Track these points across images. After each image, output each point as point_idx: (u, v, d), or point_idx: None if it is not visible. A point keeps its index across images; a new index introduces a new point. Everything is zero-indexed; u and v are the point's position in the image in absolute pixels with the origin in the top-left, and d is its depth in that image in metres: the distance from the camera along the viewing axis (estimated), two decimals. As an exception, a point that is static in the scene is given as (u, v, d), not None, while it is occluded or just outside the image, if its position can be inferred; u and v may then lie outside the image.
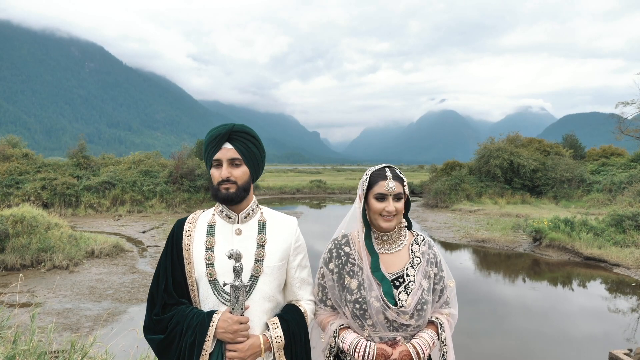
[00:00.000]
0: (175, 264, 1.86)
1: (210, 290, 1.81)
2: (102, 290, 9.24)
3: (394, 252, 1.99)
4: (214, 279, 1.81)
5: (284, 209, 27.09)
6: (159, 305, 1.82)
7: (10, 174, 23.17)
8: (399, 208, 1.94)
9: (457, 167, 31.43)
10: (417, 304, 1.86)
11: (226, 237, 1.87)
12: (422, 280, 1.92)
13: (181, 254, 1.86)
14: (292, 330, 1.84)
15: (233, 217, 1.90)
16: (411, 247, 2.00)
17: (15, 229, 11.20)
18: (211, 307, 1.81)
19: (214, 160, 1.85)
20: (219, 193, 1.84)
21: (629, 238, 12.77)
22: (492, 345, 6.95)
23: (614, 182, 24.81)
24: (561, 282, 10.87)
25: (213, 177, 1.86)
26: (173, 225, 1.97)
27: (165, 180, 24.95)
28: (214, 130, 1.86)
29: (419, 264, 1.95)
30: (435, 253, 2.01)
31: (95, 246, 12.18)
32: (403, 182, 1.96)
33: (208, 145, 1.85)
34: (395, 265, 1.96)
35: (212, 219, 1.92)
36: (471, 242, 15.39)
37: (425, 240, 2.04)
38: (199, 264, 1.83)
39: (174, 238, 1.90)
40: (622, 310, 8.66)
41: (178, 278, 1.85)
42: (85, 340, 3.79)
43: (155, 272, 1.90)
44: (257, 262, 1.83)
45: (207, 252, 1.84)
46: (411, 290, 1.88)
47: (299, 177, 55.47)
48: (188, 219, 1.95)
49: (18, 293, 8.67)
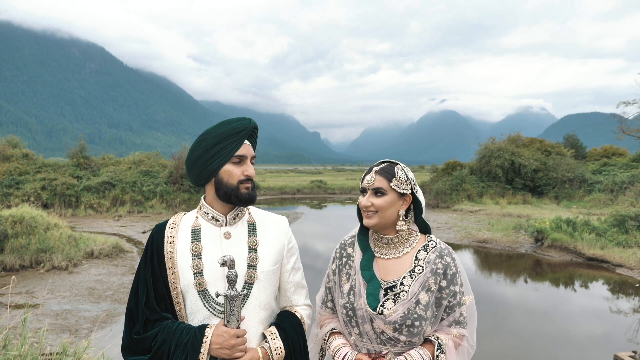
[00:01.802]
0: (157, 274, 1.66)
1: (200, 302, 1.64)
2: (101, 291, 9.17)
3: (394, 258, 1.79)
4: (204, 290, 1.63)
5: (285, 209, 27.05)
6: (140, 322, 1.62)
7: (10, 174, 23.12)
8: (377, 204, 1.74)
9: (458, 167, 31.35)
10: (405, 318, 1.65)
11: (214, 241, 1.69)
12: (420, 292, 1.69)
13: (163, 263, 1.67)
14: (292, 340, 1.71)
15: (220, 219, 1.72)
16: (417, 254, 1.78)
17: (14, 229, 11.13)
18: (201, 321, 1.64)
19: (236, 157, 1.66)
20: (240, 193, 1.67)
21: (632, 238, 12.69)
22: (494, 345, 6.88)
23: (615, 182, 24.72)
24: (563, 282, 10.80)
25: (232, 175, 1.66)
26: (151, 232, 1.77)
27: (166, 181, 24.90)
28: (235, 124, 1.66)
29: (419, 274, 1.72)
30: (446, 263, 1.74)
31: (95, 247, 12.12)
32: (390, 178, 1.75)
33: (226, 138, 1.64)
34: (394, 272, 1.76)
35: (195, 222, 1.73)
36: (472, 243, 15.32)
37: (436, 248, 1.79)
38: (185, 273, 1.65)
39: (154, 246, 1.70)
40: (625, 311, 8.59)
41: (160, 290, 1.66)
42: (80, 343, 3.73)
43: (133, 286, 1.70)
44: (250, 268, 1.68)
45: (194, 259, 1.65)
46: (400, 301, 1.68)
47: (299, 177, 55.46)
48: (168, 223, 1.75)
49: (16, 294, 8.62)
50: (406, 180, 1.76)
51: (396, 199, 1.76)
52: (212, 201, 1.73)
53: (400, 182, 1.75)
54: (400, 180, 1.75)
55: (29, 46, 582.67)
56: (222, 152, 1.64)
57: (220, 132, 1.64)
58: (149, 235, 1.68)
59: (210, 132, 1.66)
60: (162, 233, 1.72)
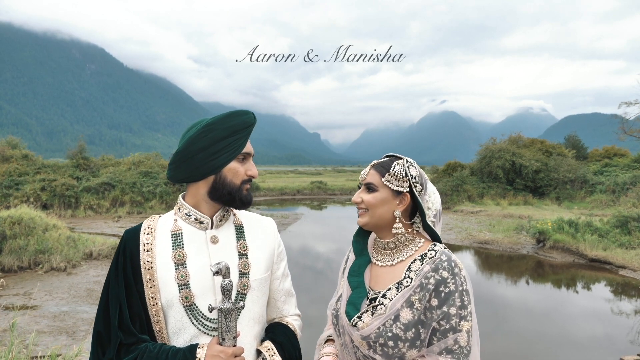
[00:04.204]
0: (131, 289, 1.41)
1: (186, 319, 1.41)
2: (99, 292, 9.06)
3: (387, 265, 1.58)
4: (192, 304, 1.41)
5: (285, 210, 26.98)
6: (113, 347, 1.36)
7: (9, 175, 23.10)
8: (367, 200, 1.56)
9: (459, 168, 31.31)
10: (379, 335, 1.43)
11: (199, 247, 1.47)
12: (403, 308, 1.44)
13: (139, 275, 1.42)
14: (289, 355, 1.54)
15: (205, 221, 1.49)
16: (412, 263, 1.52)
17: (13, 230, 11.07)
18: (188, 341, 1.41)
19: (243, 154, 1.48)
20: (242, 195, 1.48)
21: (635, 240, 12.61)
22: (495, 346, 6.81)
23: (617, 183, 24.65)
24: (565, 284, 10.72)
25: (237, 174, 1.47)
26: (121, 238, 1.49)
27: (165, 182, 24.84)
28: (245, 117, 1.47)
29: (406, 287, 1.47)
30: (441, 278, 1.44)
31: (94, 248, 12.05)
32: (384, 173, 1.55)
33: (237, 132, 1.45)
34: (384, 282, 1.55)
35: (175, 225, 1.49)
36: (473, 244, 15.24)
37: (434, 258, 1.50)
38: (168, 285, 1.41)
39: (127, 255, 1.44)
40: (628, 313, 8.51)
41: (135, 308, 1.40)
42: (77, 345, 3.65)
43: (101, 305, 1.42)
44: (242, 276, 1.48)
45: (178, 269, 1.42)
46: (376, 314, 1.47)
47: (299, 178, 55.48)
48: (143, 227, 1.49)
49: (14, 296, 8.56)
50: (404, 177, 1.54)
51: (390, 197, 1.55)
52: (198, 201, 1.50)
53: (394, 177, 1.54)
54: (394, 176, 1.54)
55: (30, 47, 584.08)
56: (230, 147, 1.45)
57: (231, 125, 1.44)
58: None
59: (219, 122, 1.44)
60: (135, 240, 1.47)
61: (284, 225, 19.08)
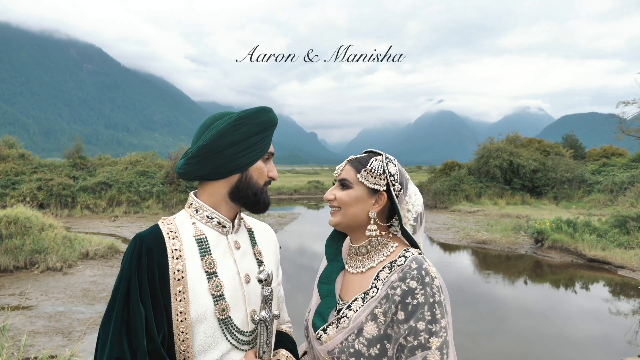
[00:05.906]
0: (158, 304, 1.22)
1: (219, 333, 1.26)
2: (95, 292, 9.03)
3: (358, 272, 1.44)
4: (227, 317, 1.26)
5: (282, 210, 26.92)
6: None
7: (6, 174, 23.02)
8: (340, 198, 1.42)
9: (456, 168, 31.31)
10: (341, 351, 1.32)
11: (224, 253, 1.34)
12: (368, 322, 1.31)
13: (167, 287, 1.23)
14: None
15: (227, 225, 1.36)
16: (380, 271, 1.38)
17: (9, 230, 10.99)
18: (217, 358, 1.26)
19: (268, 154, 1.38)
20: (265, 197, 1.38)
21: (634, 240, 12.59)
22: (493, 346, 6.77)
23: (615, 183, 24.68)
24: (564, 284, 10.69)
25: (262, 174, 1.36)
26: (135, 244, 1.26)
27: (162, 181, 24.77)
28: (272, 114, 1.37)
29: (371, 298, 1.34)
30: (408, 289, 1.29)
31: (90, 247, 11.97)
32: (360, 169, 1.42)
33: (267, 129, 1.35)
34: (353, 291, 1.42)
35: (196, 229, 1.33)
36: (471, 244, 15.21)
37: (403, 266, 1.34)
38: (200, 297, 1.25)
39: (151, 264, 1.23)
40: (626, 313, 8.49)
41: (160, 326, 1.21)
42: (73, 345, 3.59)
43: (116, 324, 1.18)
44: None
45: (211, 278, 1.27)
46: (340, 327, 1.35)
47: (296, 177, 55.44)
48: (164, 231, 1.30)
49: (9, 296, 8.49)
50: (381, 174, 1.41)
51: (365, 196, 1.42)
52: (217, 202, 1.36)
53: (370, 174, 1.41)
54: (370, 173, 1.41)
55: (27, 47, 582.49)
56: (260, 144, 1.33)
57: (262, 121, 1.33)
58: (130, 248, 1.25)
59: (251, 117, 1.32)
60: (161, 245, 1.26)
61: (281, 225, 19.04)
